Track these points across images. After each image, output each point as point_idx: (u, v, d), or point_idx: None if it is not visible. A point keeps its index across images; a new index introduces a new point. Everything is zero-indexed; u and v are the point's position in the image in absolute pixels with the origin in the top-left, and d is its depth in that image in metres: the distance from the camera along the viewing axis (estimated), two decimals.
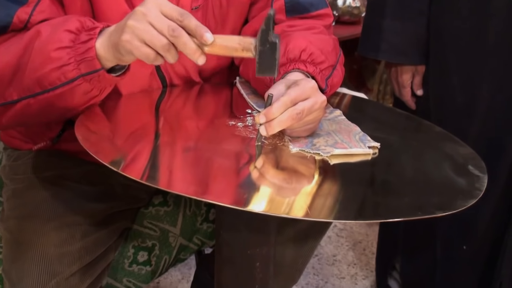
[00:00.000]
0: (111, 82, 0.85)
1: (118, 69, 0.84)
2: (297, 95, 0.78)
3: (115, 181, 1.01)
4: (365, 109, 1.10)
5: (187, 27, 0.75)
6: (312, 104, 0.79)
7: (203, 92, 1.06)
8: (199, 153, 0.80)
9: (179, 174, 0.74)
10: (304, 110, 0.78)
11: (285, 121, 0.77)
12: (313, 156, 0.80)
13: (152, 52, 0.76)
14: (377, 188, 0.77)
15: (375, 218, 0.70)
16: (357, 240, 1.91)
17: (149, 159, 0.77)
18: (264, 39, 0.76)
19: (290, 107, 0.78)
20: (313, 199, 0.70)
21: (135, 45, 0.75)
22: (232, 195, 0.70)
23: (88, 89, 0.82)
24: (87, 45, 0.79)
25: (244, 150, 0.82)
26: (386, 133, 0.93)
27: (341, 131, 0.88)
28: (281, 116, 0.77)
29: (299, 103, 0.78)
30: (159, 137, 0.85)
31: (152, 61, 0.77)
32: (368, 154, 0.82)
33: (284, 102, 0.77)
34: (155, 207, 1.09)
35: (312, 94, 0.79)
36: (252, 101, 0.99)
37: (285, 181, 0.74)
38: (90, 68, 0.80)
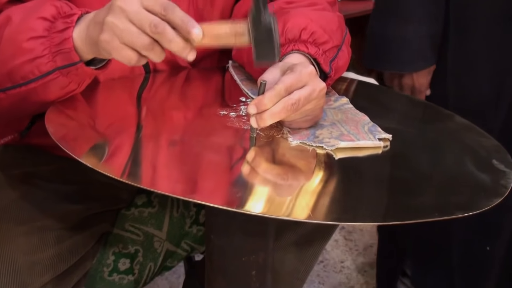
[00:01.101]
0: (91, 75, 0.84)
1: (98, 60, 0.83)
2: (293, 82, 0.77)
3: (92, 179, 1.01)
4: (375, 96, 1.09)
5: (171, 21, 0.73)
6: (310, 93, 0.78)
7: (191, 78, 1.05)
8: (187, 148, 0.79)
9: (164, 171, 0.73)
10: (300, 99, 0.77)
11: (279, 113, 0.77)
12: (315, 150, 0.80)
13: (134, 55, 0.75)
14: (389, 186, 0.77)
15: (387, 220, 0.70)
16: (368, 244, 1.91)
17: (130, 155, 0.76)
18: (257, 22, 0.75)
19: (285, 97, 0.77)
20: (316, 199, 0.69)
21: (115, 46, 0.74)
22: (224, 195, 0.70)
23: (65, 83, 0.82)
24: (63, 35, 0.78)
25: (237, 143, 0.81)
26: (399, 124, 0.92)
27: (348, 121, 0.88)
28: (274, 107, 0.76)
29: (294, 92, 0.77)
30: (142, 130, 0.84)
31: (135, 63, 0.76)
32: (379, 147, 0.82)
33: (277, 91, 0.76)
34: (138, 208, 1.09)
35: (309, 81, 0.79)
36: (246, 87, 0.98)
37: (279, 177, 0.74)
38: (67, 60, 0.79)
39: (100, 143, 0.79)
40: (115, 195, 1.05)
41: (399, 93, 1.17)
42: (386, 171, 0.80)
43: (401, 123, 0.94)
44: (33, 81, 0.80)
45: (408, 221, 0.68)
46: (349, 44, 1.01)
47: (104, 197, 1.03)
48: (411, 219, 0.69)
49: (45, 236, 0.92)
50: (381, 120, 0.89)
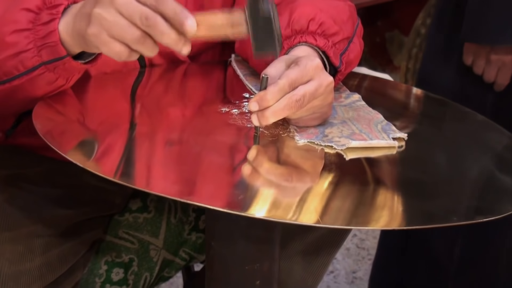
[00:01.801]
0: (80, 70, 0.85)
1: (87, 53, 0.83)
2: (297, 76, 0.78)
3: (83, 182, 1.01)
4: (389, 93, 1.10)
5: (163, 13, 0.73)
6: (316, 88, 0.78)
7: (190, 73, 1.05)
8: (185, 147, 0.79)
9: (161, 172, 0.74)
10: (305, 95, 0.78)
11: (282, 110, 0.77)
12: (324, 150, 0.80)
13: (124, 49, 0.75)
14: (404, 189, 0.77)
15: (402, 224, 0.70)
16: None
17: (123, 154, 0.77)
18: (254, 10, 0.75)
19: (289, 93, 0.77)
20: (325, 203, 0.69)
21: (103, 40, 0.75)
22: (226, 197, 0.70)
23: (52, 78, 0.82)
24: (49, 27, 0.79)
25: (240, 142, 0.82)
26: (415, 122, 0.93)
27: (360, 120, 0.88)
28: (277, 104, 0.77)
29: (299, 87, 0.78)
30: (136, 128, 0.85)
31: (125, 58, 0.76)
32: (393, 148, 0.82)
33: (280, 86, 0.77)
34: (132, 213, 1.09)
35: (315, 75, 0.79)
36: (250, 83, 0.98)
37: (283, 179, 0.74)
38: (53, 55, 0.80)
39: (90, 141, 0.79)
40: (107, 200, 1.06)
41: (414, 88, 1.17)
42: (401, 173, 0.80)
43: (417, 122, 0.94)
44: (17, 77, 0.80)
45: (425, 226, 0.68)
46: (361, 36, 1.01)
47: (95, 202, 1.04)
48: (428, 223, 0.69)
49: (32, 243, 0.92)
50: (395, 118, 0.89)
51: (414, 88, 1.15)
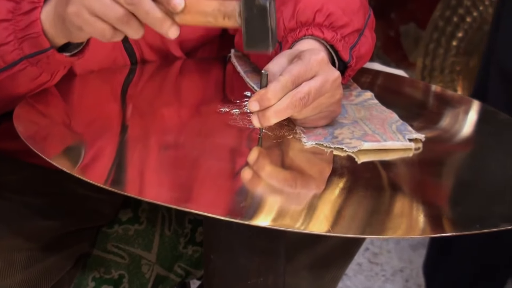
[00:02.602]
0: (65, 63, 0.85)
1: (73, 45, 0.84)
2: (300, 72, 0.78)
3: (68, 191, 1.02)
4: (405, 90, 1.10)
5: None
6: (321, 84, 0.79)
7: (186, 70, 1.06)
8: (181, 151, 0.80)
9: (155, 178, 0.74)
10: (310, 93, 0.78)
11: (285, 110, 0.78)
12: (333, 153, 0.80)
13: (107, 27, 0.76)
14: (422, 194, 0.77)
15: (420, 232, 0.71)
16: (397, 268, 1.92)
17: (114, 160, 0.77)
18: (250, 1, 0.76)
19: (292, 90, 0.78)
20: (336, 210, 0.70)
21: (85, 19, 0.75)
22: (226, 204, 0.70)
23: (35, 74, 0.83)
24: (30, 17, 0.79)
25: (242, 145, 0.82)
26: (434, 122, 0.93)
27: (373, 119, 0.89)
28: (279, 103, 0.77)
29: (303, 84, 0.78)
30: (127, 131, 0.85)
31: (109, 38, 0.77)
32: (409, 150, 0.83)
33: (282, 83, 0.77)
34: (122, 225, 1.09)
35: (320, 70, 0.79)
36: (251, 80, 0.99)
37: (286, 184, 0.74)
38: (35, 47, 0.80)
39: (77, 145, 0.80)
40: (95, 210, 1.06)
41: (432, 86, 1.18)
42: (418, 177, 0.81)
43: (435, 122, 0.94)
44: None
45: (445, 234, 0.68)
46: (373, 29, 1.02)
47: (82, 212, 1.04)
48: (449, 231, 0.69)
49: (12, 258, 0.92)
50: (412, 118, 0.90)
51: (432, 85, 1.15)
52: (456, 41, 2.08)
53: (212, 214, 0.66)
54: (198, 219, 1.11)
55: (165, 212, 1.10)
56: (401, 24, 2.25)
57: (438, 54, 2.05)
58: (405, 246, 1.98)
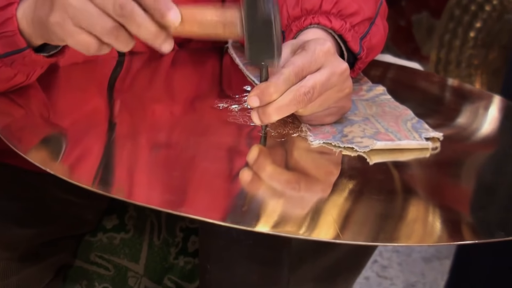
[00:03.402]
0: (42, 64, 0.86)
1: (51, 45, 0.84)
2: (304, 64, 0.78)
3: (47, 194, 1.02)
4: (420, 85, 1.11)
5: (142, 1, 0.74)
6: (327, 77, 0.79)
7: (179, 61, 1.07)
8: (174, 150, 0.81)
9: (145, 180, 0.75)
10: (315, 87, 0.78)
11: (288, 106, 0.78)
12: (342, 152, 0.81)
13: (93, 40, 0.76)
14: (440, 199, 0.77)
15: (438, 240, 0.71)
16: (409, 283, 1.92)
17: (101, 160, 0.78)
18: (252, 10, 0.75)
19: (295, 84, 0.78)
20: (345, 215, 0.70)
21: (68, 30, 0.75)
22: (225, 209, 0.71)
23: (9, 75, 0.83)
24: (5, 14, 0.79)
25: (242, 144, 0.83)
26: (452, 119, 0.94)
27: (385, 116, 0.89)
28: (282, 98, 0.77)
29: (307, 77, 0.78)
30: (115, 128, 0.86)
31: (94, 52, 0.77)
32: (426, 149, 0.83)
33: (285, 76, 0.77)
34: (107, 233, 1.10)
35: (326, 61, 0.80)
36: (252, 74, 0.99)
37: (289, 186, 0.75)
38: (10, 47, 0.80)
39: (60, 143, 0.80)
40: (77, 216, 1.06)
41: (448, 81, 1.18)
42: (436, 180, 0.81)
43: (454, 119, 0.95)
44: None
45: (465, 242, 0.69)
46: (386, 17, 1.02)
47: (62, 219, 1.04)
48: (469, 239, 0.70)
49: None
50: (428, 115, 0.90)
51: (449, 79, 1.16)
52: (474, 31, 2.08)
53: (209, 219, 0.66)
54: (191, 227, 1.11)
55: (154, 219, 1.10)
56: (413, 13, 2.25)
57: (454, 46, 2.04)
58: (417, 259, 1.98)
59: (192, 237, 1.12)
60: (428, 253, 1.97)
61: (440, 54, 2.11)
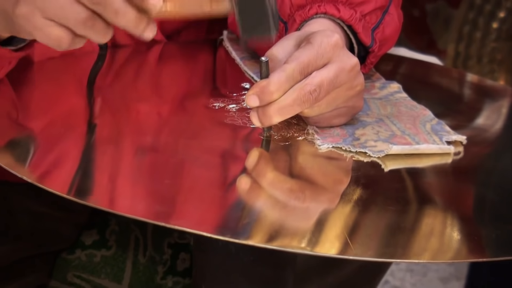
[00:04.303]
0: (10, 59, 0.86)
1: None
2: (310, 59, 0.78)
3: (17, 207, 1.02)
4: (438, 81, 1.11)
5: None
6: (336, 73, 0.79)
7: (168, 56, 1.07)
8: (162, 156, 0.80)
9: (128, 188, 0.74)
10: (321, 85, 0.78)
11: (291, 107, 0.78)
12: (354, 158, 0.81)
13: (66, 35, 0.76)
14: (463, 210, 0.77)
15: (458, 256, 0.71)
16: None
17: (79, 165, 0.77)
18: None
19: (299, 81, 0.78)
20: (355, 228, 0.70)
21: (36, 23, 0.75)
22: (219, 220, 0.70)
23: None
24: None
25: (239, 148, 0.83)
26: (476, 120, 0.94)
27: (401, 117, 0.89)
28: (284, 97, 0.78)
29: (313, 74, 0.79)
30: (95, 131, 0.85)
31: (66, 47, 0.77)
32: (447, 155, 0.83)
33: (288, 72, 0.77)
34: (86, 250, 1.09)
35: (334, 56, 0.80)
36: (250, 69, 0.99)
37: (292, 195, 0.74)
38: None
39: (33, 147, 0.80)
40: (52, 231, 1.06)
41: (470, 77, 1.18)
42: (457, 189, 0.81)
43: (475, 120, 0.95)
44: None
45: (490, 259, 0.69)
46: (400, 5, 1.02)
47: (36, 234, 1.04)
48: (492, 256, 0.69)
49: None
50: (449, 115, 0.91)
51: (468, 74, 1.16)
52: (497, 22, 2.08)
53: (203, 232, 0.65)
54: (180, 243, 1.11)
55: (139, 234, 1.10)
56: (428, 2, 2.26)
57: (474, 38, 2.04)
58: (433, 279, 1.98)
59: (182, 254, 1.12)
60: (445, 272, 1.97)
61: (459, 48, 2.11)
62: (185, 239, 1.11)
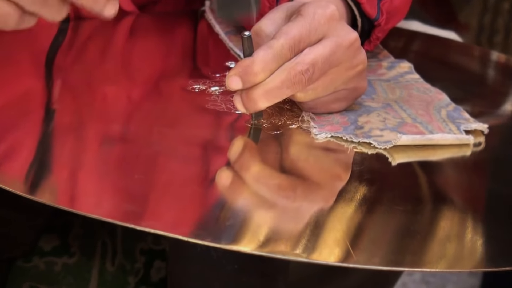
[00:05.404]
0: None
1: None
2: (302, 33, 0.79)
3: None
4: (456, 60, 1.12)
5: None
6: (332, 50, 0.80)
7: (140, 29, 1.07)
8: (133, 147, 0.81)
9: (93, 184, 0.74)
10: (315, 63, 0.78)
11: (279, 90, 0.78)
12: (356, 150, 0.81)
13: (13, 11, 0.77)
14: (482, 210, 0.78)
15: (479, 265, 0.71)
16: None
17: (34, 157, 0.77)
18: None
19: (289, 60, 0.78)
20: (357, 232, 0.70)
21: None
22: (198, 222, 0.70)
23: None
24: None
25: (222, 138, 0.83)
26: (497, 106, 0.94)
27: (413, 102, 0.89)
28: (271, 78, 0.78)
29: (305, 51, 0.79)
30: (54, 117, 0.86)
31: (14, 25, 0.78)
32: (466, 146, 0.84)
33: (276, 49, 0.78)
34: (45, 257, 1.10)
35: (329, 30, 0.80)
36: (236, 46, 1.00)
37: (281, 193, 0.75)
38: None
39: None
40: (4, 235, 1.06)
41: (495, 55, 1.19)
42: (479, 186, 0.82)
43: (500, 106, 0.95)
44: None
45: None
46: None
47: None
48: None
49: None
50: (468, 100, 0.91)
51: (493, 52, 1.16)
52: None
53: (179, 235, 0.65)
54: (155, 250, 1.11)
55: (107, 239, 1.11)
56: None
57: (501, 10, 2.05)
58: None
59: (157, 262, 1.12)
60: (467, 284, 1.98)
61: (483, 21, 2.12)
62: (161, 244, 1.11)
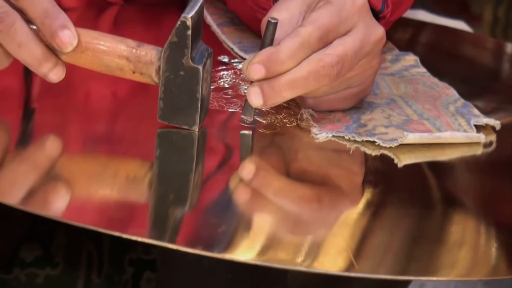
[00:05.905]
0: None
1: None
2: (332, 23, 0.78)
3: None
4: (467, 52, 1.12)
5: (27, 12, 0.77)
6: (361, 44, 0.80)
7: (125, 21, 1.07)
8: (118, 146, 0.81)
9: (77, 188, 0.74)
10: (345, 57, 0.78)
11: (305, 80, 0.78)
12: (359, 149, 0.81)
13: None
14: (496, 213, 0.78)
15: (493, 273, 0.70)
16: None
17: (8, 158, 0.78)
18: (175, 58, 0.79)
19: (317, 51, 0.78)
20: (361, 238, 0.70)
21: None
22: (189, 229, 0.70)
23: None
24: None
25: (214, 138, 0.83)
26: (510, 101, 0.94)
27: (419, 97, 0.89)
28: (298, 68, 0.78)
29: (335, 42, 0.79)
30: (33, 117, 0.87)
31: None
32: (477, 145, 0.84)
33: (304, 38, 0.77)
34: (26, 268, 1.10)
35: (359, 21, 0.80)
36: (229, 39, 1.00)
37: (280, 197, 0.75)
38: None
39: None
40: None
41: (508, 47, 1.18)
42: (492, 188, 0.82)
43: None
44: None
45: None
46: None
47: None
48: None
49: None
50: (479, 95, 0.91)
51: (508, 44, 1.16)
52: None
53: (171, 245, 0.65)
54: (144, 260, 1.11)
55: (92, 249, 1.11)
56: None
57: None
58: None
59: (147, 273, 1.12)
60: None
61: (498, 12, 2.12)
62: (151, 254, 1.11)
